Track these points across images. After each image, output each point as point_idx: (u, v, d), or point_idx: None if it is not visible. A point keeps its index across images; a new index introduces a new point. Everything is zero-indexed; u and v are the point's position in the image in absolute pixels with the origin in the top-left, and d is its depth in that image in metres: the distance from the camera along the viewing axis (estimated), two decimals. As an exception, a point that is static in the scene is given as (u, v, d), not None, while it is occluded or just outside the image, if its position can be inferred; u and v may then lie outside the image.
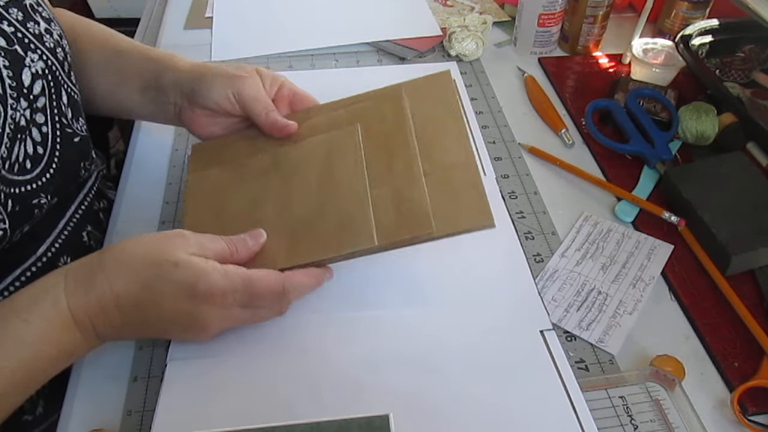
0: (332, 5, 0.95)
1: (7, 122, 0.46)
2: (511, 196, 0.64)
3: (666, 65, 0.76)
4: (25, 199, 0.49)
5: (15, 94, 0.47)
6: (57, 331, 0.42)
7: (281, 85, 0.59)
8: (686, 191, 0.60)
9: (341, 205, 0.49)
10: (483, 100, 0.77)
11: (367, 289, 0.54)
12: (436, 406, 0.46)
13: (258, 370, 0.49)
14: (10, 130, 0.47)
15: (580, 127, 0.73)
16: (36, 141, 0.50)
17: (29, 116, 0.49)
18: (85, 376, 0.50)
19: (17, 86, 0.48)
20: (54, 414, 0.49)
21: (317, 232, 0.49)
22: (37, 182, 0.50)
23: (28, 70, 0.49)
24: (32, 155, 0.50)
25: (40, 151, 0.51)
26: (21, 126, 0.48)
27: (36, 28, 0.52)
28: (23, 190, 0.49)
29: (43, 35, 0.53)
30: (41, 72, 0.51)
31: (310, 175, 0.52)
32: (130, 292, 0.43)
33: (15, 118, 0.47)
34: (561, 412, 0.46)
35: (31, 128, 0.50)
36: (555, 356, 0.49)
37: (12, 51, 0.48)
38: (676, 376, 0.47)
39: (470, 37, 0.82)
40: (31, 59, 0.50)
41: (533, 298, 0.54)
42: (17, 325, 0.41)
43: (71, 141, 0.55)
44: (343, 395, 0.47)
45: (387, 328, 0.51)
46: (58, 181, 0.53)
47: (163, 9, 0.97)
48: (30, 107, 0.50)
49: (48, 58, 0.52)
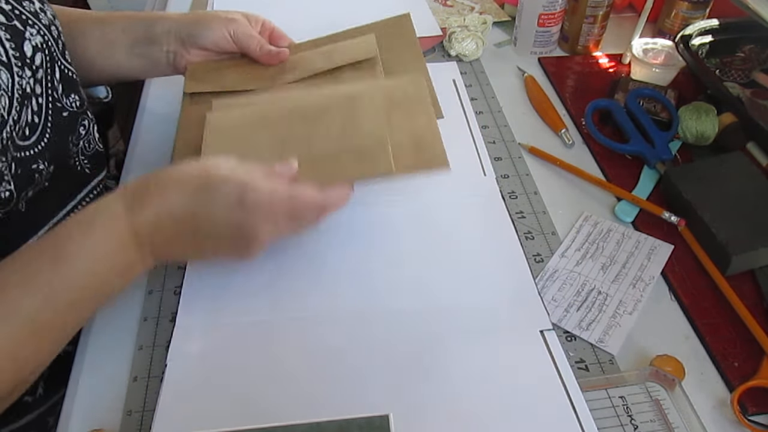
0: (332, 5, 0.95)
1: (15, 88, 0.49)
2: (511, 196, 0.64)
3: (666, 65, 0.76)
4: (26, 164, 0.51)
5: (19, 63, 0.50)
6: (114, 248, 0.44)
7: (263, 23, 0.66)
8: (686, 191, 0.60)
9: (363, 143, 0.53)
10: (483, 100, 0.77)
11: (367, 289, 0.54)
12: (436, 406, 0.46)
13: (258, 370, 0.49)
14: (18, 95, 0.49)
15: (580, 127, 0.73)
16: (33, 110, 0.53)
17: (32, 85, 0.52)
18: (85, 376, 0.50)
19: (20, 56, 0.50)
20: (54, 396, 0.49)
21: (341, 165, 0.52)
22: (35, 148, 0.53)
23: (29, 42, 0.52)
24: (30, 123, 0.52)
25: (36, 120, 0.53)
26: (27, 93, 0.51)
27: (31, 6, 0.55)
28: (24, 155, 0.51)
29: (38, 13, 0.55)
30: (40, 45, 0.54)
31: (334, 123, 0.55)
32: (182, 204, 0.45)
33: (22, 84, 0.50)
34: (561, 412, 0.46)
35: (32, 97, 0.53)
36: (555, 356, 0.49)
37: (11, 26, 0.51)
38: (676, 376, 0.47)
39: (470, 37, 0.82)
40: (30, 33, 0.53)
41: (533, 298, 0.54)
42: (78, 239, 0.43)
43: (60, 115, 0.57)
44: (343, 395, 0.47)
45: (387, 327, 0.51)
46: (52, 150, 0.55)
47: (163, 9, 0.97)
48: (33, 77, 0.52)
49: (45, 33, 0.55)
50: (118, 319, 0.54)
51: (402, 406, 0.45)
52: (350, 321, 0.52)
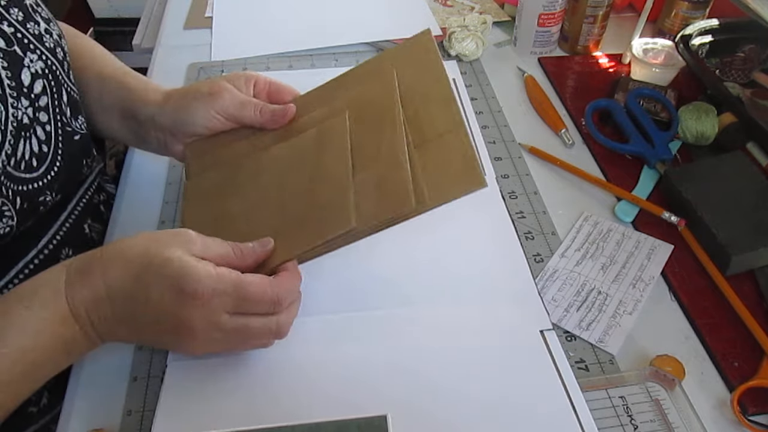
0: (332, 5, 0.95)
1: (9, 120, 0.47)
2: (511, 196, 0.64)
3: (666, 65, 0.76)
4: (32, 197, 0.50)
5: (15, 93, 0.48)
6: (56, 321, 0.42)
7: (256, 81, 0.58)
8: (686, 191, 0.60)
9: (326, 196, 0.49)
10: (483, 100, 0.77)
11: (367, 290, 0.54)
12: (436, 406, 0.46)
13: (258, 370, 0.49)
14: (13, 128, 0.47)
15: (580, 127, 0.73)
16: (41, 139, 0.51)
17: (32, 114, 0.50)
18: (85, 376, 0.50)
19: (17, 86, 0.48)
20: (58, 405, 0.49)
21: (305, 225, 0.48)
22: (43, 180, 0.51)
23: (27, 70, 0.50)
24: (38, 153, 0.51)
25: (44, 149, 0.52)
26: (24, 124, 0.49)
27: (36, 28, 0.53)
28: (31, 188, 0.50)
29: (43, 35, 0.53)
30: (41, 72, 0.51)
31: (304, 171, 0.51)
32: (121, 284, 0.42)
33: (17, 116, 0.48)
34: (561, 412, 0.45)
35: (35, 127, 0.51)
36: (555, 356, 0.49)
37: (11, 52, 0.49)
38: (676, 376, 0.47)
39: (470, 37, 0.82)
40: (30, 59, 0.51)
41: (533, 298, 0.54)
42: (20, 312, 0.41)
43: (72, 139, 0.56)
44: (341, 395, 0.47)
45: (387, 328, 0.51)
46: (62, 178, 0.54)
47: (163, 9, 0.97)
48: (32, 106, 0.50)
49: (48, 57, 0.53)
50: (117, 319, 0.54)
51: (400, 407, 0.45)
52: (350, 321, 0.52)
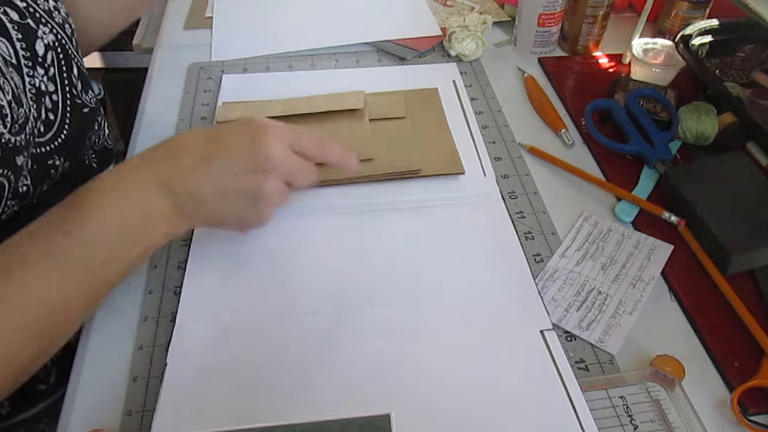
0: (332, 5, 0.95)
1: (27, 87, 0.51)
2: (511, 196, 0.64)
3: (666, 65, 0.76)
4: (42, 160, 0.53)
5: (30, 63, 0.52)
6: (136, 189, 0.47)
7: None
8: (686, 191, 0.60)
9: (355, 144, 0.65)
10: (483, 100, 0.77)
11: (367, 290, 0.54)
12: (436, 405, 0.46)
13: (258, 370, 0.49)
14: (32, 94, 0.51)
15: (580, 127, 0.73)
16: (48, 107, 0.54)
17: (46, 83, 0.54)
18: (85, 376, 0.50)
19: (31, 56, 0.52)
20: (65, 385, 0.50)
21: None
22: (51, 144, 0.54)
23: (41, 41, 0.53)
24: (44, 120, 0.53)
25: (51, 117, 0.54)
26: (42, 91, 0.53)
27: (45, 4, 0.56)
28: (40, 151, 0.52)
29: (52, 11, 0.56)
30: (52, 44, 0.55)
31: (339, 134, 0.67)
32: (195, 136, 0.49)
33: (35, 83, 0.52)
34: (561, 412, 0.46)
35: (45, 95, 0.54)
36: (555, 356, 0.49)
37: (24, 24, 0.52)
38: (676, 376, 0.47)
39: (470, 37, 0.82)
40: (43, 31, 0.54)
41: (533, 298, 0.54)
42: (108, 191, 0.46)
43: (81, 111, 0.58)
44: (344, 394, 0.47)
45: (386, 327, 0.51)
46: (68, 146, 0.56)
47: (163, 9, 0.97)
48: (45, 74, 0.54)
49: (58, 32, 0.56)
50: (118, 318, 0.53)
51: (403, 406, 0.45)
52: (351, 321, 0.52)
